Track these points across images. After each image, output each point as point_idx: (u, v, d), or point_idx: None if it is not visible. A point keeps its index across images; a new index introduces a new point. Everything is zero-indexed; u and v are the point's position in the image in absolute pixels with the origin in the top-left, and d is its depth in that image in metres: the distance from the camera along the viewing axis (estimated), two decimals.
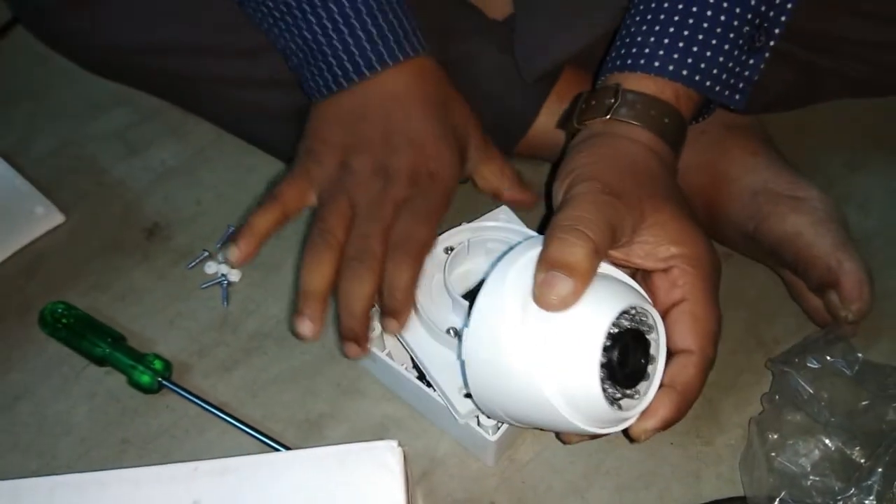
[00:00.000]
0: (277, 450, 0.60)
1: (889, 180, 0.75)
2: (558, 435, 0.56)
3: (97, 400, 0.64)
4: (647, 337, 0.46)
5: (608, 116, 0.52)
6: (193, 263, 0.72)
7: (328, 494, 0.47)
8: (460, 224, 0.60)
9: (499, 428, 0.56)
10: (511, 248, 0.48)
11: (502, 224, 0.60)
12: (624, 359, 0.44)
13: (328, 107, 0.58)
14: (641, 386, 0.46)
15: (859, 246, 0.61)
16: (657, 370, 0.47)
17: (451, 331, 0.55)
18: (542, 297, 0.43)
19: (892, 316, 0.65)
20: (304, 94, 0.59)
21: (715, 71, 0.52)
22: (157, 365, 0.63)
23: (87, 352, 0.65)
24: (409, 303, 0.53)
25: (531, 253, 0.46)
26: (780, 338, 0.65)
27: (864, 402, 0.56)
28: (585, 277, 0.43)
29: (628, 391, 0.45)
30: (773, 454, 0.56)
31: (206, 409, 0.62)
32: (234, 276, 0.70)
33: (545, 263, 0.44)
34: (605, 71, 0.56)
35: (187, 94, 0.76)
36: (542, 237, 0.46)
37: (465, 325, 0.47)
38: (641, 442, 0.47)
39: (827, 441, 0.55)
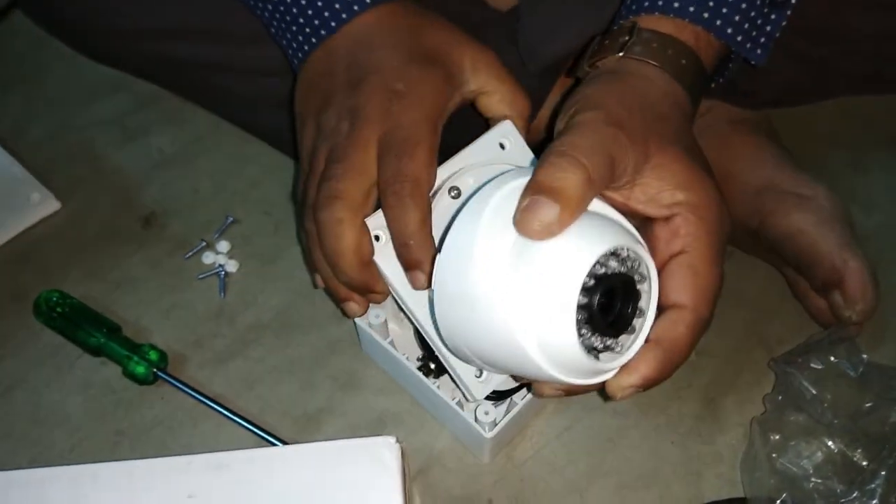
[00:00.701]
0: (273, 444, 0.59)
1: (893, 179, 0.75)
2: (529, 388, 0.52)
3: (92, 390, 0.64)
4: (638, 287, 0.42)
5: (621, 54, 0.48)
6: (190, 254, 0.71)
7: (324, 490, 0.46)
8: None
9: (496, 424, 0.55)
10: (498, 175, 0.44)
11: (509, 152, 0.52)
12: (608, 305, 0.40)
13: (304, 74, 0.55)
14: (624, 339, 0.42)
15: (863, 244, 0.61)
16: (645, 325, 0.42)
17: None
18: (523, 222, 0.39)
19: None
20: (291, 67, 0.58)
21: (737, 18, 0.49)
22: (153, 356, 0.63)
23: (81, 341, 0.64)
24: (427, 247, 0.47)
25: (519, 181, 0.42)
26: (782, 337, 0.65)
27: (868, 404, 0.56)
28: (574, 206, 0.39)
29: (609, 342, 0.41)
30: (774, 455, 0.55)
31: (202, 402, 0.62)
32: (232, 266, 0.70)
33: (532, 188, 0.40)
34: (619, 18, 0.52)
35: (185, 82, 0.75)
36: (529, 169, 0.43)
37: (438, 249, 0.44)
38: (617, 400, 0.43)
39: (830, 443, 0.55)
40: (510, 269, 0.40)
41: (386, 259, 0.49)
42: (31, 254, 0.71)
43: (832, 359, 0.58)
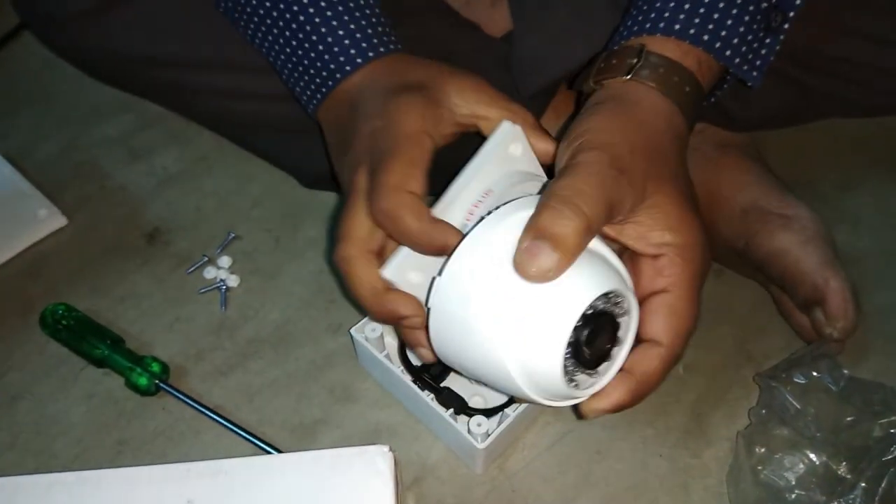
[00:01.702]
0: (271, 453, 0.61)
1: (881, 200, 0.76)
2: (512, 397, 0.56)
3: (95, 401, 0.65)
4: (618, 320, 0.44)
5: (629, 77, 0.49)
6: (192, 269, 0.73)
7: (319, 497, 0.47)
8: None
9: (488, 436, 0.57)
10: (504, 204, 0.46)
11: (521, 158, 0.51)
12: (591, 340, 0.43)
13: (323, 125, 0.57)
14: (602, 366, 0.45)
15: (850, 265, 0.62)
16: (621, 354, 0.46)
17: None
18: (521, 264, 0.41)
19: (880, 333, 0.66)
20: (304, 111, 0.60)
21: (735, 41, 0.50)
22: (155, 367, 0.64)
23: (86, 353, 0.65)
24: (433, 240, 0.47)
25: (522, 214, 0.43)
26: (768, 353, 0.66)
27: (849, 418, 0.57)
28: (571, 254, 0.41)
29: (588, 371, 0.44)
30: (759, 468, 0.57)
31: (202, 412, 0.63)
32: (233, 281, 0.71)
33: (532, 230, 0.42)
34: (620, 37, 0.52)
35: (189, 105, 0.77)
36: (533, 199, 0.44)
37: (439, 274, 0.45)
38: (588, 419, 0.47)
39: (812, 455, 0.56)
40: (505, 301, 0.43)
41: (418, 289, 0.49)
42: (39, 268, 0.73)
43: (815, 374, 0.59)
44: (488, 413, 0.58)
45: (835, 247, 0.62)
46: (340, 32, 0.54)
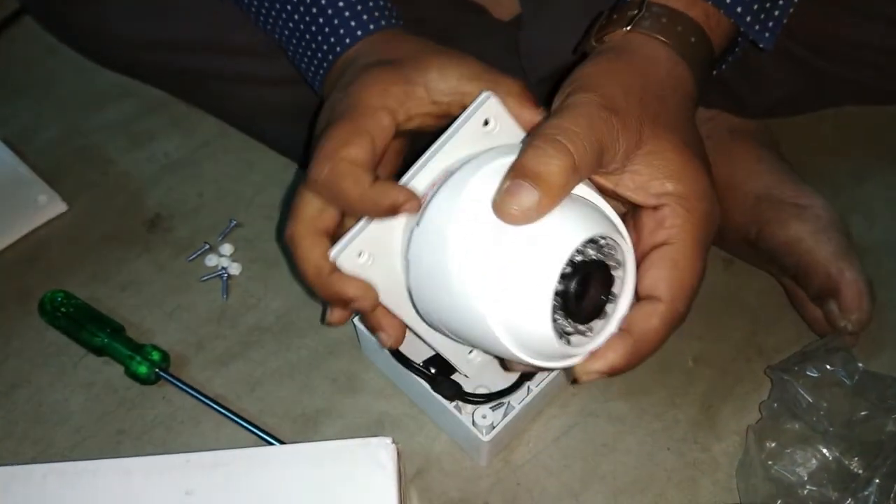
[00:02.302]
0: (272, 444, 0.60)
1: (895, 190, 0.75)
2: (502, 362, 0.51)
3: (94, 390, 0.64)
4: (613, 273, 0.41)
5: (628, 28, 0.46)
6: (194, 256, 0.72)
7: (321, 489, 0.47)
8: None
9: (493, 428, 0.56)
10: (484, 152, 0.43)
11: (497, 132, 0.46)
12: (582, 291, 0.40)
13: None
14: (596, 324, 0.42)
15: (863, 256, 0.61)
16: (616, 310, 0.42)
17: None
18: (501, 205, 0.39)
19: (895, 327, 0.65)
20: (311, 89, 0.59)
21: None
22: (155, 356, 0.63)
23: (85, 341, 0.65)
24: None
25: (502, 160, 0.41)
26: (779, 346, 0.65)
27: (863, 413, 0.56)
28: (555, 193, 0.39)
29: (581, 327, 0.41)
30: (770, 462, 0.56)
31: (203, 402, 0.62)
32: (234, 269, 0.71)
33: (514, 171, 0.39)
34: None
35: (192, 89, 0.76)
36: (516, 146, 0.42)
37: (416, 223, 0.43)
38: (581, 383, 0.43)
39: (825, 451, 0.55)
40: (486, 252, 0.40)
41: (372, 273, 0.47)
42: (38, 255, 0.72)
43: (828, 367, 0.58)
44: (487, 399, 0.57)
45: (849, 237, 0.61)
46: (341, 4, 0.52)
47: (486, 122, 0.45)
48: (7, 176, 0.76)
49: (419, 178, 0.45)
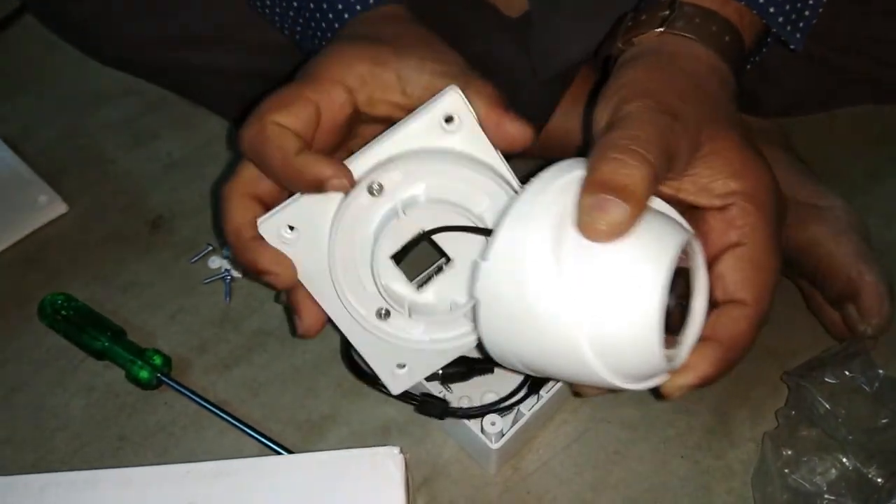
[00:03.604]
0: (276, 451, 0.59)
1: None
2: (571, 386, 0.48)
3: (95, 394, 0.63)
4: (690, 277, 0.40)
5: (662, 29, 0.45)
6: (196, 258, 0.70)
7: (327, 501, 0.45)
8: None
9: (502, 435, 0.55)
10: (542, 171, 0.40)
11: (456, 136, 0.43)
12: (676, 302, 0.38)
13: None
14: (684, 333, 0.40)
15: (880, 258, 0.60)
16: (696, 318, 0.40)
17: (383, 312, 0.46)
18: (588, 223, 0.36)
19: None
20: None
21: None
22: (157, 360, 0.62)
23: (85, 345, 0.63)
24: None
25: (571, 175, 0.38)
26: (796, 350, 0.64)
27: (883, 420, 0.55)
28: (641, 204, 0.37)
29: (677, 338, 0.39)
30: (787, 471, 0.54)
31: (205, 408, 0.61)
32: (238, 271, 0.69)
33: (594, 186, 0.37)
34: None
35: (195, 87, 0.75)
36: (576, 161, 0.39)
37: (483, 258, 0.39)
38: (674, 399, 0.41)
39: (844, 459, 0.54)
40: (576, 278, 0.37)
41: (297, 251, 0.45)
42: (38, 256, 0.71)
43: (847, 373, 0.56)
44: (480, 412, 0.55)
45: (870, 240, 0.60)
46: None
47: (448, 120, 0.42)
48: (7, 176, 0.75)
49: (361, 160, 0.42)
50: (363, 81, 0.44)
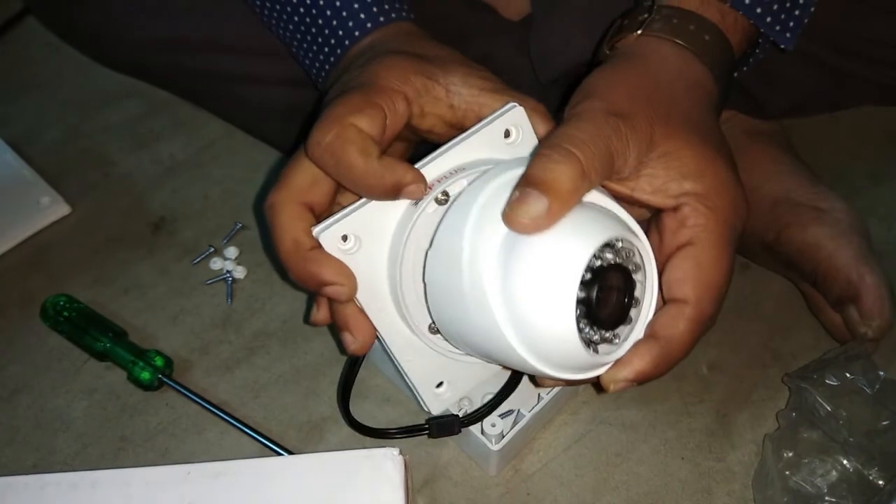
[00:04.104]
0: (277, 452, 0.59)
1: None
2: (532, 378, 0.50)
3: (96, 396, 0.63)
4: (634, 277, 0.40)
5: (639, 32, 0.46)
6: (198, 259, 0.71)
7: (326, 502, 0.45)
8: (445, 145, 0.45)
9: (503, 437, 0.54)
10: (495, 166, 0.42)
11: (516, 144, 0.45)
12: (604, 297, 0.39)
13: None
14: (623, 331, 0.41)
15: (881, 259, 0.59)
16: (641, 315, 0.41)
17: (433, 326, 0.46)
18: (511, 215, 0.38)
19: None
20: (316, 87, 0.58)
21: None
22: (158, 361, 0.62)
23: (87, 346, 0.63)
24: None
25: (511, 173, 0.40)
26: (797, 352, 0.64)
27: (884, 422, 0.55)
28: (564, 199, 0.38)
29: (607, 334, 0.40)
30: (787, 473, 0.54)
31: (207, 408, 0.61)
32: (239, 273, 0.69)
33: (522, 181, 0.38)
34: (636, 2, 0.49)
35: (197, 90, 0.75)
36: (523, 160, 0.41)
37: (429, 244, 0.42)
38: (610, 392, 0.41)
39: (845, 461, 0.53)
40: (500, 267, 0.39)
41: (355, 261, 0.44)
42: (40, 258, 0.71)
43: (848, 375, 0.56)
44: (487, 410, 0.54)
45: (871, 241, 0.60)
46: (344, 5, 0.51)
47: (507, 135, 0.45)
48: (10, 177, 0.75)
49: (429, 167, 0.43)
50: (418, 93, 0.45)
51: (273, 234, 0.43)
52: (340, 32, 0.51)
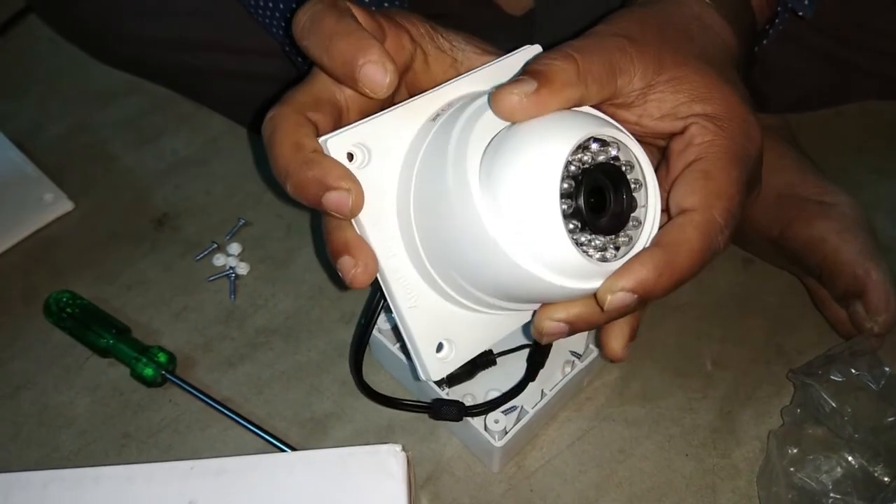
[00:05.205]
0: (280, 448, 0.58)
1: None
2: (532, 324, 0.42)
3: (100, 392, 0.63)
4: (629, 176, 0.38)
5: None
6: (201, 255, 0.70)
7: (328, 498, 0.45)
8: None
9: (506, 433, 0.54)
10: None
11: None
12: (600, 200, 0.36)
13: None
14: (623, 239, 0.38)
15: (887, 255, 0.59)
16: (645, 224, 0.38)
17: None
18: (497, 95, 0.36)
19: None
20: None
21: None
22: (161, 358, 0.62)
23: (90, 342, 0.63)
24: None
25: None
26: (801, 348, 0.63)
27: (889, 419, 0.54)
28: (555, 88, 0.36)
29: (609, 242, 0.37)
30: (792, 469, 0.54)
31: (210, 405, 0.61)
32: (242, 269, 0.69)
33: (517, 73, 0.37)
34: None
35: (200, 87, 0.75)
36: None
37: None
38: (606, 307, 0.37)
39: (850, 458, 0.53)
40: (486, 163, 0.36)
41: (364, 178, 0.39)
42: (43, 254, 0.71)
43: (853, 371, 0.56)
44: (494, 405, 0.54)
45: (876, 237, 0.59)
46: None
47: None
48: (13, 174, 0.75)
49: (445, 90, 0.41)
50: (422, 37, 0.43)
51: (271, 143, 0.39)
52: None
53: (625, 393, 0.62)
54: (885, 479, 0.52)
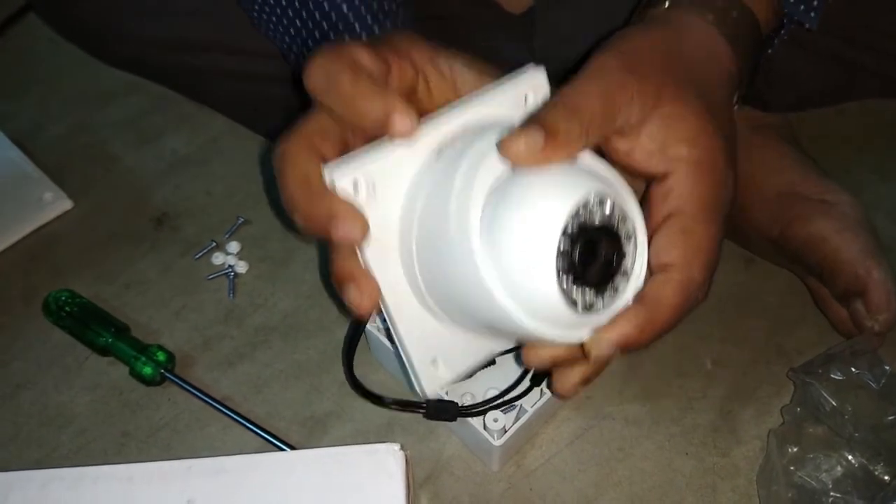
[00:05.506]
0: (279, 448, 0.58)
1: None
2: (517, 357, 0.47)
3: (99, 391, 0.63)
4: (623, 241, 0.39)
5: (667, 5, 0.45)
6: (200, 254, 0.70)
7: (326, 497, 0.45)
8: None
9: (505, 432, 0.54)
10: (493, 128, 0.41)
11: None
12: (590, 254, 0.38)
13: None
14: (609, 300, 0.39)
15: (888, 254, 0.59)
16: (630, 280, 0.40)
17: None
18: (507, 141, 0.37)
19: None
20: None
21: None
22: (161, 357, 0.62)
23: (90, 341, 0.63)
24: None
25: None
26: (802, 347, 0.63)
27: (889, 417, 0.54)
28: (558, 144, 0.37)
29: (593, 295, 0.38)
30: (792, 468, 0.54)
31: (209, 404, 0.61)
32: (241, 267, 0.69)
33: (525, 121, 0.38)
34: None
35: (200, 87, 0.75)
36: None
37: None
38: (593, 357, 0.39)
39: (850, 457, 0.53)
40: (488, 208, 0.38)
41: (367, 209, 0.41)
42: (43, 253, 0.71)
43: (853, 370, 0.56)
44: (490, 405, 0.55)
45: (877, 236, 0.59)
46: (345, 9, 0.51)
47: (525, 100, 0.43)
48: (12, 173, 0.75)
49: (442, 120, 0.41)
50: (424, 61, 0.43)
51: (281, 176, 0.40)
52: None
53: (625, 392, 0.62)
54: (886, 477, 0.52)
